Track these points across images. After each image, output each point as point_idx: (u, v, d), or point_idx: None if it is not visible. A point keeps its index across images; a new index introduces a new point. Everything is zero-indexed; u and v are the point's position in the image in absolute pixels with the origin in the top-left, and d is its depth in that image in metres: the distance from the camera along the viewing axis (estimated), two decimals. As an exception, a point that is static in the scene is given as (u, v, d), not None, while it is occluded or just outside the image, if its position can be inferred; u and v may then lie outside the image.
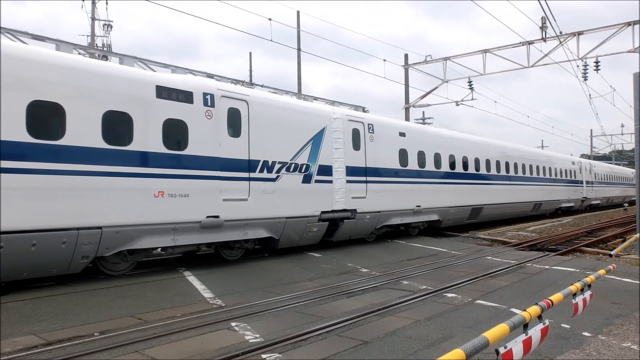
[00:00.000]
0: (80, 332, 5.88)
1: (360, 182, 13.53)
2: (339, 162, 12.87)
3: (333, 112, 13.09)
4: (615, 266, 7.95)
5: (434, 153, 17.09)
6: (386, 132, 14.83)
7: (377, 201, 14.06)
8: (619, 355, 5.23)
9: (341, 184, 12.86)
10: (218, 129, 10.02)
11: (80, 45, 9.82)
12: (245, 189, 10.45)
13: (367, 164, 13.83)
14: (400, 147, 15.39)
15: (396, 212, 15.00)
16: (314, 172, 12.13)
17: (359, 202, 13.41)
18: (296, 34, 23.72)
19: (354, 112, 14.22)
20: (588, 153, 66.27)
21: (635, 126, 13.02)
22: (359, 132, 13.73)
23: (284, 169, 11.33)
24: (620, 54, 21.88)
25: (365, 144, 13.85)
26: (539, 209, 26.21)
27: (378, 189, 14.13)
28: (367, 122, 14.07)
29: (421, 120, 37.79)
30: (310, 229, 12.09)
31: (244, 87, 11.49)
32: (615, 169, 47.66)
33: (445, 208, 17.48)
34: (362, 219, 13.58)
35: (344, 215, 13.01)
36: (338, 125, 12.98)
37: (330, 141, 12.70)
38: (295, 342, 5.53)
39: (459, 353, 2.86)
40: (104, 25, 29.54)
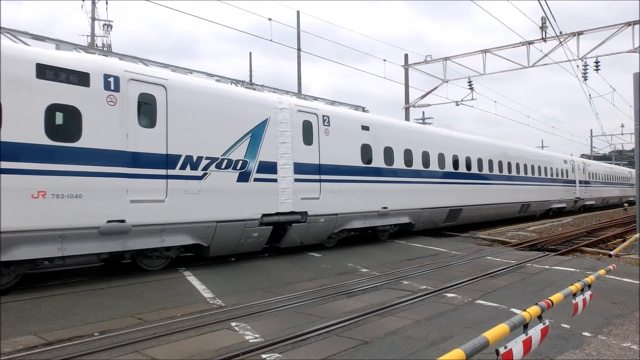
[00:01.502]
0: (80, 332, 5.88)
1: (312, 181, 12.10)
2: (285, 159, 11.40)
3: (279, 101, 11.63)
4: (615, 266, 7.95)
5: (404, 149, 15.53)
6: (345, 125, 13.36)
7: (334, 202, 12.65)
8: (619, 355, 5.23)
9: (288, 183, 11.42)
10: (125, 117, 8.59)
11: (80, 45, 9.82)
12: (161, 188, 9.02)
13: (321, 160, 12.37)
14: (363, 143, 13.85)
15: (358, 215, 13.53)
16: (253, 169, 10.67)
17: (310, 204, 11.99)
18: (295, 33, 23.75)
19: (305, 102, 12.74)
20: (588, 153, 66.33)
21: (635, 126, 13.02)
22: (311, 125, 12.23)
23: (213, 165, 9.89)
24: (620, 54, 21.92)
25: (319, 138, 12.38)
26: (527, 210, 24.72)
27: (335, 188, 12.69)
28: (321, 114, 12.60)
29: (421, 120, 37.80)
30: (250, 234, 10.63)
31: (162, 70, 9.94)
32: (612, 168, 46.00)
33: (417, 210, 15.95)
34: (315, 222, 12.14)
35: (293, 219, 11.61)
36: (285, 116, 11.49)
37: (275, 134, 11.26)
38: (295, 342, 5.53)
39: (459, 353, 2.86)
40: (104, 25, 29.57)
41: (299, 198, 11.67)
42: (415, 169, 16.01)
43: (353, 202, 13.29)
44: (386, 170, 14.66)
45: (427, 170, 16.61)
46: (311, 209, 12.00)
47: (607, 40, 21.35)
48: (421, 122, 34.33)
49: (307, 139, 12.12)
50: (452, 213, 17.99)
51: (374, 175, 14.15)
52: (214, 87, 10.59)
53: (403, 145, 15.51)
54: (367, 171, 13.90)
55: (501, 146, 22.99)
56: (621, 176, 47.24)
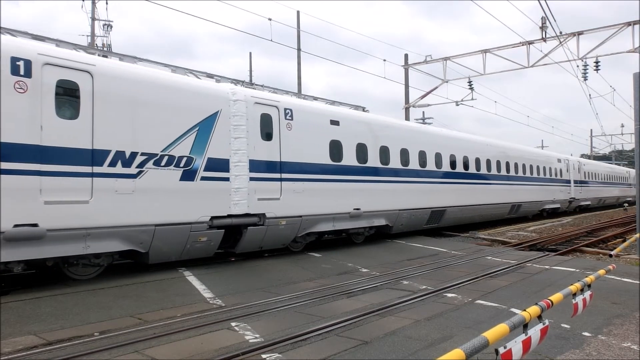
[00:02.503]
0: (80, 332, 5.88)
1: (271, 180, 11.06)
2: (239, 155, 10.37)
3: (232, 92, 10.52)
4: (615, 266, 7.95)
5: (379, 146, 14.44)
6: (311, 120, 12.36)
7: (298, 203, 11.63)
8: (619, 355, 5.24)
9: (242, 183, 10.39)
10: (38, 107, 7.61)
11: (80, 45, 9.82)
12: (85, 187, 8.00)
13: (282, 157, 11.33)
14: (332, 139, 12.82)
15: (325, 217, 12.46)
16: (200, 167, 9.67)
17: (269, 205, 10.96)
18: (294, 33, 23.75)
19: (264, 94, 11.64)
20: (588, 153, 66.39)
21: (635, 126, 13.02)
22: (271, 119, 11.22)
23: (150, 162, 8.91)
24: (620, 54, 21.92)
25: (280, 133, 11.35)
26: (518, 211, 23.69)
27: (298, 188, 11.67)
28: (283, 107, 11.55)
29: (421, 120, 37.80)
30: (197, 238, 9.65)
31: (88, 55, 8.81)
32: (609, 167, 44.79)
33: (395, 211, 14.88)
34: (275, 225, 11.11)
35: (248, 221, 10.60)
36: (239, 109, 10.47)
37: (228, 129, 10.23)
38: (295, 342, 5.53)
39: (458, 353, 2.86)
40: (104, 25, 29.58)
41: (256, 199, 10.66)
42: (393, 168, 14.97)
43: (320, 203, 12.30)
44: (359, 169, 13.64)
45: (406, 169, 15.59)
46: (270, 210, 10.98)
47: (607, 40, 21.37)
48: (421, 122, 34.24)
49: (266, 134, 11.11)
50: (434, 214, 17.01)
51: (345, 174, 13.14)
52: (152, 75, 9.46)
53: (379, 142, 14.51)
54: (336, 169, 12.88)
55: (490, 144, 22.04)
56: (619, 176, 46.19)
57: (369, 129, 14.32)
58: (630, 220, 23.74)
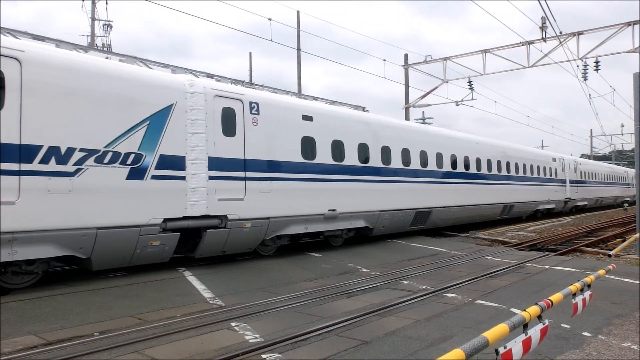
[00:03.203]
0: (80, 332, 5.88)
1: (234, 179, 10.29)
2: (197, 152, 9.63)
3: (190, 84, 9.77)
4: (615, 266, 7.97)
5: (358, 144, 13.61)
6: (281, 115, 11.59)
7: (265, 204, 10.86)
8: (619, 355, 5.24)
9: (200, 182, 9.65)
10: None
11: (80, 45, 9.82)
12: (10, 187, 7.22)
13: (246, 155, 10.56)
14: (304, 135, 12.04)
15: (297, 218, 11.69)
16: (151, 164, 8.92)
17: (232, 206, 10.19)
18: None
19: (226, 86, 10.84)
20: (588, 153, 66.43)
21: (635, 126, 13.03)
22: (234, 113, 10.43)
23: (91, 159, 8.11)
24: (620, 54, 21.95)
25: (244, 128, 10.57)
26: (510, 212, 22.81)
27: (265, 188, 10.90)
28: (248, 100, 10.75)
29: (421, 120, 37.80)
30: (148, 242, 8.88)
31: (16, 40, 7.98)
32: (606, 167, 43.78)
33: (375, 212, 14.06)
34: (239, 227, 10.34)
35: (207, 224, 9.82)
36: (197, 102, 9.71)
37: (184, 123, 9.48)
38: (295, 342, 5.53)
39: (458, 353, 2.86)
40: (104, 25, 29.59)
41: (216, 199, 9.90)
42: (373, 166, 14.12)
43: (291, 203, 11.53)
44: (334, 168, 12.80)
45: (388, 168, 14.70)
46: (233, 212, 10.21)
47: (607, 40, 21.38)
48: (421, 122, 34.19)
49: (229, 130, 10.29)
50: (419, 216, 16.16)
51: (319, 172, 12.33)
52: (94, 63, 8.63)
53: (357, 140, 13.65)
54: (309, 168, 12.07)
55: (480, 142, 21.18)
56: (617, 176, 45.28)
57: (347, 125, 13.57)
58: (630, 220, 23.75)
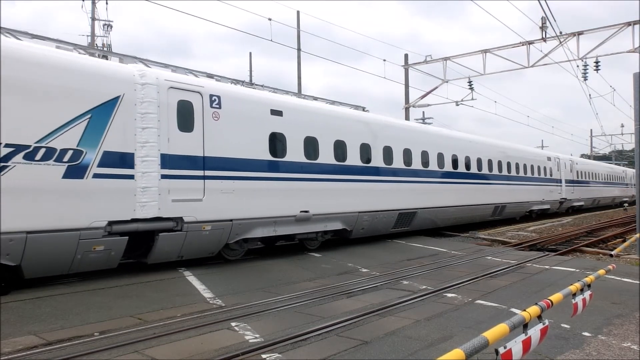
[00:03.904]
0: (80, 332, 5.88)
1: (192, 178, 9.56)
2: (148, 149, 8.88)
3: (140, 74, 9.02)
4: (615, 266, 7.97)
5: (334, 141, 12.83)
6: (246, 109, 10.77)
7: (227, 205, 10.09)
8: (619, 355, 5.24)
9: (151, 181, 8.90)
10: None
11: (80, 45, 9.82)
12: None
13: (206, 152, 9.84)
14: (273, 131, 11.26)
15: (264, 220, 10.89)
16: (93, 161, 8.15)
17: (189, 207, 9.47)
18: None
19: (183, 77, 10.07)
20: (588, 153, 66.45)
21: (635, 126, 13.03)
22: (192, 107, 9.71)
23: (19, 155, 7.41)
24: (620, 54, 21.95)
25: (203, 123, 9.84)
26: (502, 213, 21.98)
27: (228, 187, 10.12)
28: (208, 93, 10.02)
29: (421, 120, 37.78)
30: (91, 247, 8.09)
31: None
32: (604, 166, 42.66)
33: (353, 213, 13.27)
34: (197, 230, 9.58)
35: (161, 226, 9.07)
36: (149, 94, 8.97)
37: (133, 117, 8.73)
38: (295, 342, 5.53)
39: (458, 353, 2.87)
40: (104, 25, 29.59)
41: (170, 200, 9.15)
42: (351, 165, 13.29)
43: (257, 204, 10.73)
44: (307, 166, 12.01)
45: (367, 167, 13.85)
46: (190, 213, 9.47)
47: (607, 40, 21.39)
48: (421, 122, 34.15)
49: (185, 125, 9.58)
50: (403, 217, 15.32)
51: (290, 171, 11.55)
52: (22, 49, 7.83)
53: (333, 136, 12.86)
54: (277, 166, 11.29)
55: (470, 140, 20.37)
56: (615, 175, 44.13)
57: (322, 121, 12.75)
58: (630, 220, 23.75)
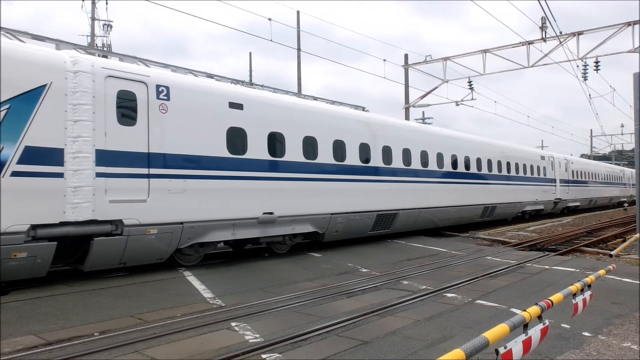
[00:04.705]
0: (80, 332, 5.88)
1: (134, 177, 8.75)
2: (80, 144, 8.05)
3: (73, 61, 8.16)
4: (615, 266, 7.97)
5: (302, 137, 11.94)
6: (199, 101, 9.91)
7: (176, 206, 9.27)
8: (619, 355, 5.24)
9: (84, 179, 8.07)
10: None
11: (80, 45, 9.83)
12: None
13: (151, 148, 8.99)
14: (232, 126, 10.38)
15: (221, 223, 10.06)
16: (11, 158, 7.45)
17: (131, 209, 8.63)
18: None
19: (124, 65, 9.21)
20: (588, 153, 66.46)
21: (635, 126, 13.03)
22: (135, 98, 8.88)
23: None
24: (620, 54, 21.96)
25: (148, 116, 9.00)
26: (492, 214, 21.09)
27: (177, 187, 9.31)
28: (154, 83, 9.17)
29: (421, 120, 37.76)
30: (10, 254, 7.32)
31: None
32: (601, 166, 41.70)
33: (325, 215, 12.41)
34: (140, 234, 8.75)
35: (96, 230, 8.24)
36: (82, 82, 8.11)
37: (63, 108, 7.93)
38: (295, 342, 5.53)
39: (459, 353, 2.87)
40: (104, 25, 29.59)
41: (107, 201, 8.33)
42: (321, 163, 12.41)
43: (213, 205, 9.91)
44: (271, 164, 11.16)
45: (341, 165, 12.96)
46: (132, 215, 8.63)
47: (607, 40, 21.40)
48: (421, 122, 34.09)
49: (126, 118, 8.77)
50: (382, 219, 14.40)
51: (251, 169, 10.67)
52: None
53: (302, 133, 11.99)
54: (238, 164, 10.43)
55: (457, 138, 19.54)
56: (613, 175, 43.11)
57: (290, 115, 11.88)
58: (630, 220, 23.76)
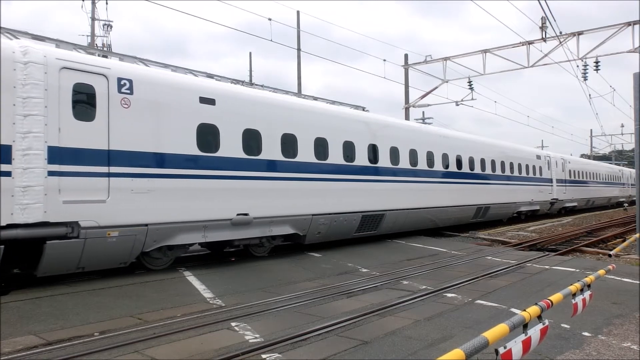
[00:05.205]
0: (80, 332, 5.88)
1: (92, 176, 8.19)
2: (30, 140, 7.60)
3: (23, 51, 7.68)
4: (615, 266, 7.97)
5: (281, 134, 11.42)
6: (167, 95, 9.37)
7: (140, 207, 8.74)
8: (619, 355, 5.24)
9: (35, 179, 7.60)
10: None
11: (80, 45, 9.83)
12: None
13: (112, 145, 8.46)
14: (203, 122, 9.87)
15: (190, 225, 9.51)
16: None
17: (88, 210, 8.06)
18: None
19: (81, 56, 8.59)
20: (588, 153, 66.46)
21: (635, 126, 13.03)
22: (94, 92, 8.34)
23: None
24: (620, 54, 21.95)
25: (109, 111, 8.48)
26: (485, 215, 20.56)
27: (141, 187, 8.77)
28: (115, 76, 8.64)
29: (421, 120, 37.77)
30: None
31: None
32: (599, 165, 41.01)
33: (306, 216, 11.87)
34: (99, 237, 8.18)
35: (49, 233, 7.72)
36: (32, 74, 7.64)
37: (10, 102, 7.49)
38: (295, 342, 5.53)
39: (458, 353, 2.87)
40: (104, 25, 29.60)
41: (61, 201, 7.82)
42: (302, 161, 11.90)
43: (181, 206, 9.39)
44: (247, 162, 10.60)
45: (322, 164, 12.45)
46: (89, 217, 8.07)
47: (607, 40, 21.39)
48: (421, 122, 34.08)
49: (84, 112, 8.22)
50: (368, 220, 13.87)
51: (223, 168, 10.15)
52: None
53: (281, 129, 11.47)
54: (208, 162, 9.90)
55: (448, 136, 18.92)
56: (611, 175, 42.35)
57: (267, 111, 11.32)
58: (630, 220, 23.76)
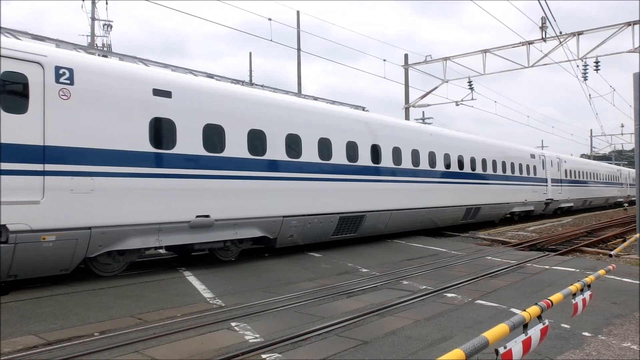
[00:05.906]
0: (80, 332, 5.88)
1: (23, 174, 7.50)
2: None
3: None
4: (615, 266, 7.98)
5: (248, 130, 10.64)
6: (113, 86, 8.63)
7: (82, 208, 8.03)
8: (618, 355, 5.24)
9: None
10: None
11: (80, 45, 9.83)
12: None
13: (47, 140, 7.75)
14: (157, 116, 9.12)
15: (142, 228, 8.79)
16: None
17: (19, 212, 7.37)
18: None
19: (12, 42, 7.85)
20: (588, 153, 66.47)
21: (635, 126, 13.03)
22: (26, 81, 7.64)
23: None
24: (620, 54, 21.96)
25: (44, 103, 7.76)
26: (475, 216, 19.88)
27: (83, 186, 8.05)
28: (52, 64, 7.90)
29: (421, 120, 37.75)
30: None
31: None
32: (596, 165, 40.25)
33: (276, 218, 11.14)
34: (33, 242, 7.49)
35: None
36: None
37: None
38: (295, 342, 5.54)
39: (458, 353, 2.87)
40: (104, 25, 29.59)
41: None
42: (271, 159, 11.14)
43: (131, 207, 8.65)
44: (208, 160, 9.88)
45: (295, 162, 11.73)
46: (20, 220, 7.35)
47: (607, 40, 21.39)
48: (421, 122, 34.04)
49: (14, 104, 7.55)
50: (346, 222, 13.12)
51: (180, 166, 9.42)
52: None
53: (247, 125, 10.68)
54: (162, 160, 9.18)
55: (435, 133, 18.15)
56: (609, 174, 41.56)
57: (232, 105, 10.56)
58: (630, 220, 23.76)
